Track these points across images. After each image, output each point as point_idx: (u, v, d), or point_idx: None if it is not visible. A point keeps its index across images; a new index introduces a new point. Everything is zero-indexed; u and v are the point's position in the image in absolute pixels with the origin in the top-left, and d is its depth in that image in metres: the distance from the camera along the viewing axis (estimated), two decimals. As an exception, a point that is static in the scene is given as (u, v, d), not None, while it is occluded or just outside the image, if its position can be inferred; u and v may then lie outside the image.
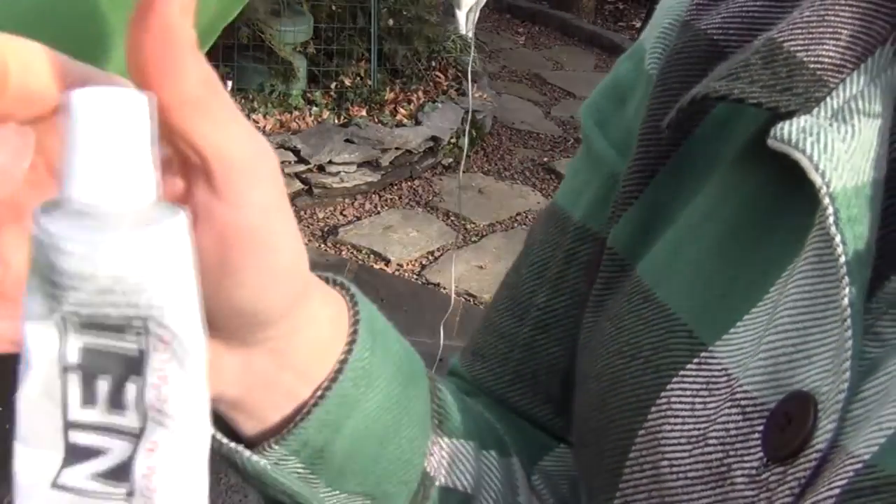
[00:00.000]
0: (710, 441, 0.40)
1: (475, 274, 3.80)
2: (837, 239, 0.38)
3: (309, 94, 4.49)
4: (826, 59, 0.42)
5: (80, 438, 0.30)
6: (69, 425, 0.30)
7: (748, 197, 0.45)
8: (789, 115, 0.41)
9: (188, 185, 0.32)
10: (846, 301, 0.37)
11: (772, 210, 0.44)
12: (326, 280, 0.44)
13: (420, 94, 4.74)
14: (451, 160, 4.60)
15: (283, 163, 4.14)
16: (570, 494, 0.56)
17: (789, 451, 0.37)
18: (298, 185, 4.21)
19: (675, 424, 0.42)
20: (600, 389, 0.46)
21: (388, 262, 3.88)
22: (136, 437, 0.30)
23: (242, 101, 4.31)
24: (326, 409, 0.42)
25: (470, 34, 4.94)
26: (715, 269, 0.44)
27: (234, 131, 0.31)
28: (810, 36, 0.42)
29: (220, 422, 0.42)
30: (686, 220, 0.47)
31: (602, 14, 7.32)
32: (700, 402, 0.41)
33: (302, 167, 4.18)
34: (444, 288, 3.73)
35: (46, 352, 0.29)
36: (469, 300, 3.63)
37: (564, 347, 0.54)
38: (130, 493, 0.30)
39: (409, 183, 4.48)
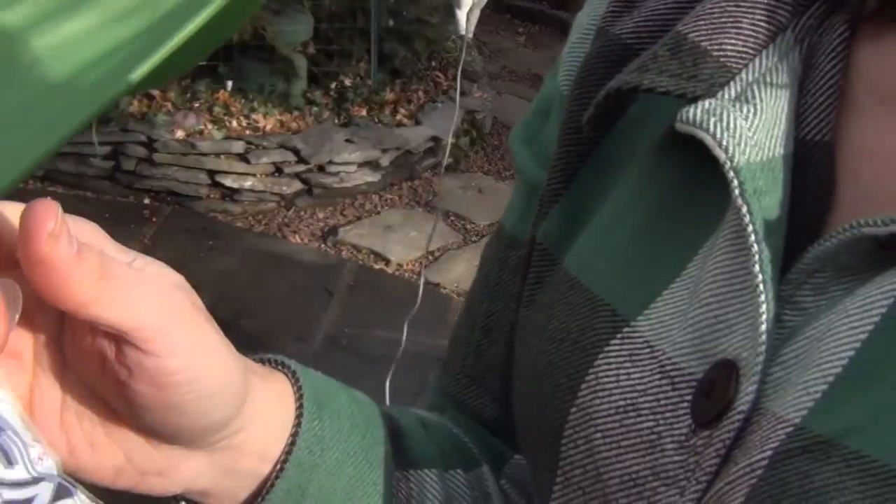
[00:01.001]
0: (642, 411, 0.42)
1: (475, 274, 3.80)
2: (744, 209, 0.40)
3: (309, 94, 4.48)
4: (728, 47, 0.45)
5: None
6: None
7: (667, 182, 0.47)
8: (696, 100, 0.44)
9: (117, 347, 0.38)
10: (757, 268, 0.39)
11: (690, 192, 0.46)
12: (265, 362, 0.49)
13: (420, 94, 4.74)
14: (451, 160, 4.60)
15: (283, 163, 4.14)
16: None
17: (714, 416, 0.40)
18: (298, 185, 4.21)
19: (604, 397, 0.44)
20: (535, 376, 0.48)
21: (388, 262, 3.88)
22: None
23: (242, 100, 4.31)
24: (287, 478, 0.46)
25: (470, 35, 4.93)
26: (636, 251, 0.47)
27: (140, 300, 0.37)
28: (712, 26, 0.45)
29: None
30: (608, 210, 0.50)
31: (602, 14, 7.29)
32: (624, 374, 0.44)
33: (302, 167, 4.18)
34: (444, 288, 3.72)
35: None
36: (469, 300, 3.62)
37: (503, 347, 0.57)
38: None
39: (409, 183, 4.48)
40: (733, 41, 0.45)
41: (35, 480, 0.27)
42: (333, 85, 4.59)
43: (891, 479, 0.34)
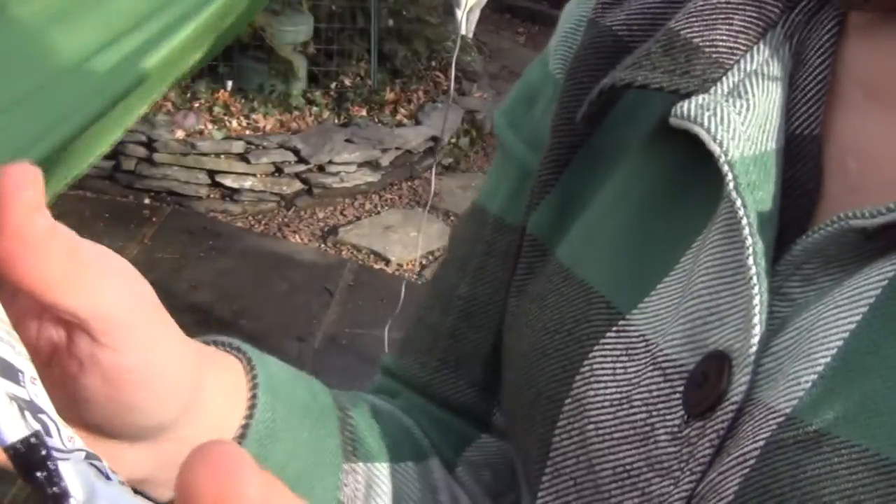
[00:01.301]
0: (635, 403, 0.43)
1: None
2: (738, 203, 0.41)
3: (309, 94, 4.48)
4: (720, 44, 0.46)
5: None
6: None
7: (659, 175, 0.48)
8: (689, 96, 0.44)
9: (69, 336, 0.35)
10: (750, 261, 0.40)
11: (682, 185, 0.46)
12: (218, 344, 0.47)
13: (420, 94, 4.74)
14: (451, 160, 4.60)
15: (283, 163, 4.14)
16: (493, 481, 0.58)
17: (707, 407, 0.40)
18: (298, 185, 4.21)
19: (599, 389, 0.44)
20: (528, 365, 0.48)
21: (388, 262, 3.88)
22: None
23: (242, 100, 4.31)
24: None
25: (470, 34, 4.93)
26: (629, 244, 0.47)
27: (106, 288, 0.34)
28: (704, 23, 0.46)
29: None
30: (600, 202, 0.50)
31: (602, 14, 7.29)
32: (621, 367, 0.44)
33: (302, 167, 4.18)
34: (444, 288, 3.73)
35: None
36: (469, 300, 3.62)
37: (486, 333, 0.57)
38: None
39: (409, 183, 4.48)
40: (725, 37, 0.46)
41: (69, 451, 0.28)
42: (333, 85, 4.59)
43: (881, 467, 0.35)
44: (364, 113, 4.49)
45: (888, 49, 0.43)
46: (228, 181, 4.12)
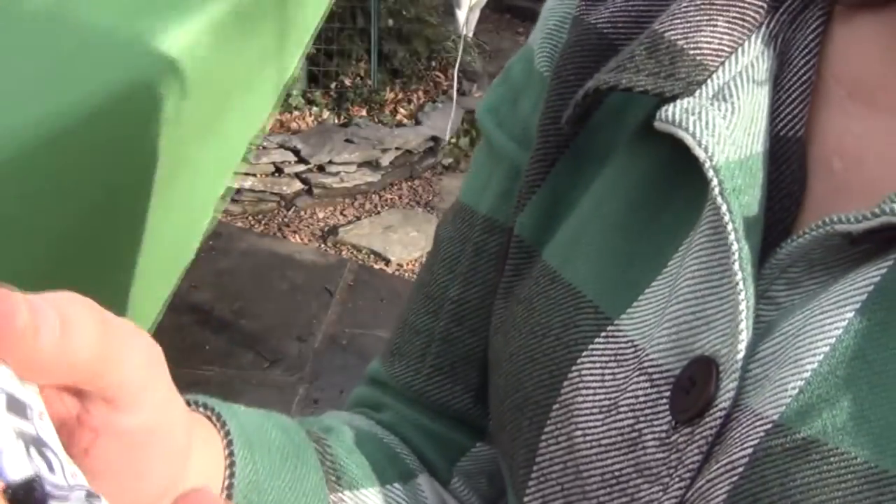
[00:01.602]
0: (622, 409, 0.42)
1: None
2: (724, 208, 0.40)
3: (309, 94, 4.48)
4: (704, 46, 0.45)
5: None
6: None
7: (644, 177, 0.47)
8: (674, 98, 0.44)
9: (82, 405, 0.33)
10: (736, 266, 0.39)
11: (667, 188, 0.46)
12: (187, 403, 0.45)
13: (420, 94, 4.74)
14: (451, 160, 4.60)
15: (283, 163, 4.14)
16: (489, 488, 0.58)
17: (695, 413, 0.39)
18: (298, 185, 4.21)
19: (587, 396, 0.44)
20: (515, 369, 0.48)
21: (388, 262, 3.88)
22: None
23: (242, 101, 4.31)
24: None
25: (470, 34, 4.93)
26: (615, 247, 0.47)
27: (125, 353, 0.33)
28: (688, 25, 0.46)
29: None
30: (586, 203, 0.50)
31: (602, 14, 7.28)
32: (609, 374, 0.43)
33: (302, 167, 4.18)
34: (444, 288, 3.72)
35: None
36: (469, 300, 3.62)
37: (480, 337, 0.56)
38: None
39: (409, 183, 4.48)
40: (709, 39, 0.45)
41: (71, 488, 0.28)
42: (333, 85, 4.60)
43: (871, 475, 0.34)
44: (364, 113, 4.50)
45: (871, 48, 0.43)
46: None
